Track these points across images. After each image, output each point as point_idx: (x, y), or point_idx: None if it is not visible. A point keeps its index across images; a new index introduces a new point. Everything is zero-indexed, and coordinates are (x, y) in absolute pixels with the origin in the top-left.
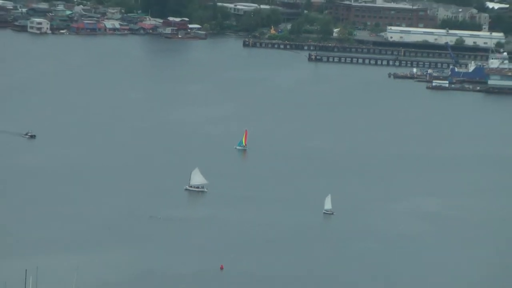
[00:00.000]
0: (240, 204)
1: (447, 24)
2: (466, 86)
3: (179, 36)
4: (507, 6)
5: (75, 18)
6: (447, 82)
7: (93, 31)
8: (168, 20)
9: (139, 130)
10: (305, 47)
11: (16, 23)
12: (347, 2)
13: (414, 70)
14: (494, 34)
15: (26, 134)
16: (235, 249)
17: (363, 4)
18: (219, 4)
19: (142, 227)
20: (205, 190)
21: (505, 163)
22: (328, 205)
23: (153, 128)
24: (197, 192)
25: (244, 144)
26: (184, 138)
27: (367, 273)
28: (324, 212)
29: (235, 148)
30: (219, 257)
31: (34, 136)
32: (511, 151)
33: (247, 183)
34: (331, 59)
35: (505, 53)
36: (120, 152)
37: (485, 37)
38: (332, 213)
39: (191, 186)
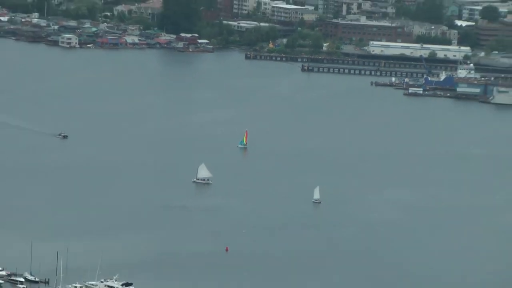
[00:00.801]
0: (241, 194)
1: (421, 39)
2: (438, 93)
3: (190, 50)
4: (473, 23)
5: (100, 34)
6: (421, 89)
7: (116, 46)
8: (181, 36)
9: (155, 131)
10: (299, 59)
11: (49, 39)
12: (335, 21)
13: (393, 79)
14: (462, 48)
15: (60, 135)
16: (237, 233)
17: (349, 22)
18: (225, 22)
19: (157, 214)
20: (210, 182)
21: (469, 160)
22: (316, 195)
23: (166, 129)
24: (203, 184)
25: (245, 143)
26: (192, 137)
27: (349, 252)
28: (313, 201)
29: (237, 146)
30: (224, 240)
31: (66, 136)
32: (476, 149)
33: (247, 177)
34: (321, 70)
35: (471, 65)
36: (139, 150)
37: (454, 51)
38: (320, 202)
39: (198, 179)
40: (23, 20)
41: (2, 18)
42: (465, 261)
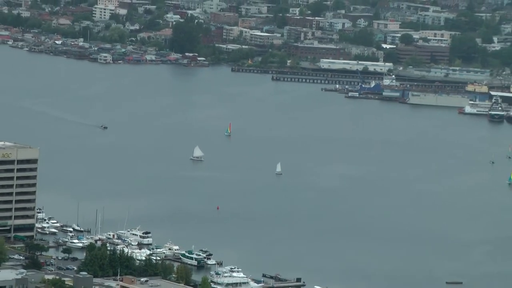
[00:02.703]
0: (226, 168)
1: (358, 57)
2: (369, 96)
3: (192, 65)
4: (394, 46)
5: (127, 54)
6: (357, 93)
7: (139, 62)
8: (185, 55)
9: (166, 123)
10: (270, 72)
11: (91, 57)
12: (296, 44)
13: (337, 86)
14: (386, 64)
15: (101, 126)
16: (225, 196)
17: (306, 45)
18: (217, 45)
19: (166, 182)
20: (203, 160)
21: (392, 144)
22: (278, 169)
23: (173, 121)
24: (198, 161)
25: (229, 132)
26: (191, 127)
27: (306, 209)
28: (276, 173)
29: (224, 134)
30: (215, 201)
31: (106, 127)
32: (396, 136)
33: (230, 155)
34: (286, 79)
35: (393, 76)
36: (154, 136)
37: (381, 66)
38: (281, 174)
39: (193, 157)
40: (72, 43)
41: (57, 42)
42: (390, 216)
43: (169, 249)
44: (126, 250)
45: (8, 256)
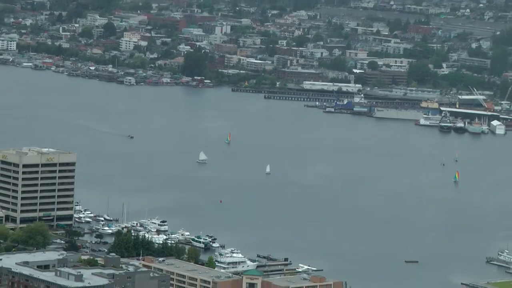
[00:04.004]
0: (225, 169)
1: (333, 80)
2: (343, 111)
3: (200, 86)
4: (363, 71)
5: (147, 77)
6: (333, 109)
7: (157, 84)
8: (194, 78)
9: (178, 133)
10: (262, 92)
11: (118, 80)
12: (283, 69)
13: (317, 103)
14: (356, 85)
15: (128, 136)
16: (226, 192)
17: (291, 70)
18: (220, 70)
19: (177, 180)
20: (206, 162)
21: (361, 148)
22: (268, 169)
23: (184, 132)
24: (202, 163)
25: (229, 140)
26: (198, 135)
27: (290, 203)
28: (266, 174)
29: (224, 142)
30: (218, 196)
31: (133, 137)
32: (364, 142)
33: (229, 159)
34: (276, 98)
35: (362, 95)
36: (168, 143)
37: (352, 87)
38: (270, 174)
39: (199, 160)
40: (103, 69)
41: (91, 68)
42: (360, 206)
43: (182, 234)
44: (147, 235)
45: (51, 241)
